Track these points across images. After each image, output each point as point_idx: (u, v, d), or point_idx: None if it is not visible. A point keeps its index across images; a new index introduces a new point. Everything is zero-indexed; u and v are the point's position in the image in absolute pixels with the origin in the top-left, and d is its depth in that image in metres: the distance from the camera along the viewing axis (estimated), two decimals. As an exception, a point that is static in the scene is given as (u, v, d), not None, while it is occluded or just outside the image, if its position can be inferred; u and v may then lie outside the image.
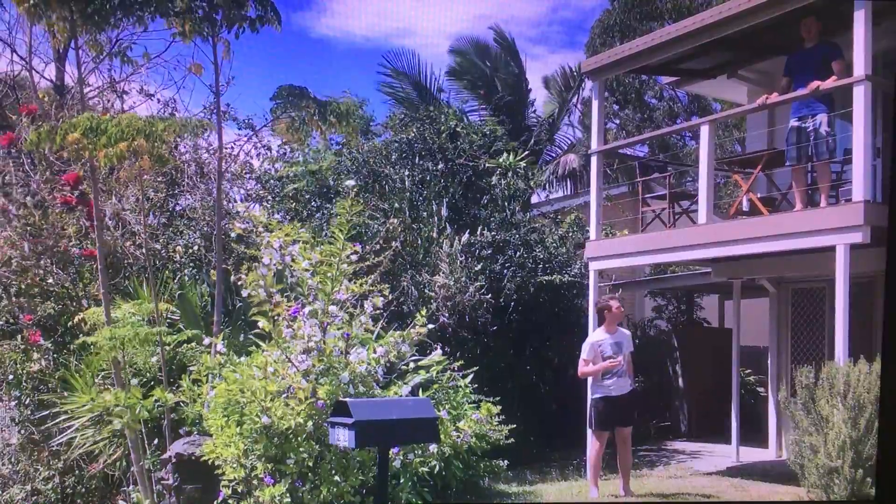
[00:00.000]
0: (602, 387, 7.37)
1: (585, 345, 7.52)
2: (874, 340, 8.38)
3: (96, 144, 6.22)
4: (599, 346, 7.39)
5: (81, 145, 6.33)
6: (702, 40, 8.40)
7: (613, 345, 7.40)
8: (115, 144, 6.12)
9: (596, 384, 7.46)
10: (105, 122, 6.30)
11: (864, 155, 6.84)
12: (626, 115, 22.68)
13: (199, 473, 6.44)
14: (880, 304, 8.69)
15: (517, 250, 10.88)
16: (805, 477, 6.17)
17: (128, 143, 6.11)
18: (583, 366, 7.44)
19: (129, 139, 6.12)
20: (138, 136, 6.13)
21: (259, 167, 11.06)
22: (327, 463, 5.90)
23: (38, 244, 8.69)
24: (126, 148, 6.12)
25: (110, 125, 6.20)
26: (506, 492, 7.96)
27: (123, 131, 6.10)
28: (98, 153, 6.27)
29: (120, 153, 6.16)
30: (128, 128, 6.12)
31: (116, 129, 6.15)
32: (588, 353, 7.42)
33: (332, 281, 6.22)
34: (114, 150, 6.12)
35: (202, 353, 6.56)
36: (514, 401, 9.71)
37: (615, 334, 7.49)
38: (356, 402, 4.89)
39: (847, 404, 5.89)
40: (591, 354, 7.39)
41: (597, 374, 7.36)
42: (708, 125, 8.36)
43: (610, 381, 7.34)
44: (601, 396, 7.40)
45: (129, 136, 6.12)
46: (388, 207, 10.84)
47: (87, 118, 6.39)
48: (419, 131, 11.76)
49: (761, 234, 7.65)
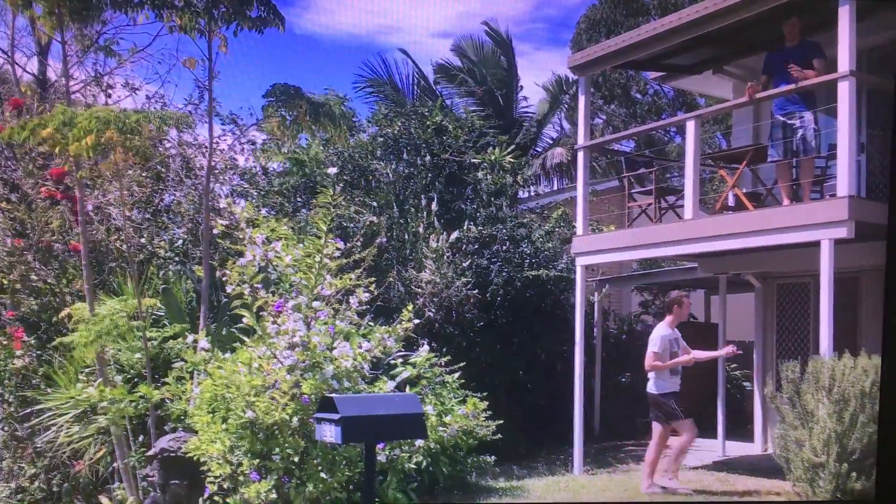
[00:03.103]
0: (672, 382, 7.37)
1: (656, 338, 7.40)
2: (859, 335, 8.45)
3: (69, 138, 6.16)
4: (669, 342, 7.33)
5: (55, 139, 6.27)
6: (687, 36, 8.42)
7: (676, 341, 7.36)
8: (84, 138, 6.06)
9: (664, 379, 7.38)
10: (78, 115, 6.24)
11: (848, 151, 6.86)
12: (612, 111, 22.72)
13: (184, 470, 6.42)
14: (865, 298, 8.77)
15: (504, 245, 10.87)
16: (790, 471, 6.21)
17: (95, 136, 6.04)
18: (653, 359, 7.32)
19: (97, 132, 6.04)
20: (108, 128, 6.06)
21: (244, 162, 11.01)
22: (313, 459, 5.89)
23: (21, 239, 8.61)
24: (94, 140, 6.06)
25: (81, 118, 6.14)
26: (493, 487, 7.96)
27: (91, 123, 6.04)
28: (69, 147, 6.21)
29: (90, 146, 6.10)
30: (95, 120, 6.06)
31: (87, 121, 6.09)
32: (660, 346, 7.32)
33: (315, 277, 6.20)
34: (84, 143, 6.06)
35: (187, 349, 6.51)
36: (501, 396, 9.71)
37: (675, 330, 7.46)
38: (342, 398, 4.87)
39: (832, 398, 5.92)
40: (663, 349, 7.31)
41: (665, 370, 7.29)
42: (694, 120, 8.38)
43: (676, 377, 7.37)
44: (671, 392, 7.37)
45: (95, 128, 6.05)
46: (374, 203, 10.80)
47: (61, 112, 6.34)
48: (404, 126, 11.72)
49: (747, 230, 7.68)
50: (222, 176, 10.52)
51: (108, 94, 9.93)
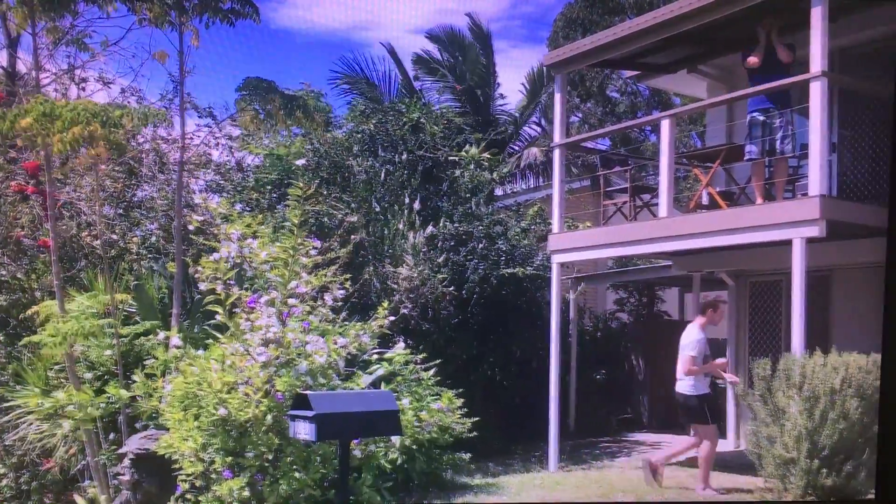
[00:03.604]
0: (705, 384, 7.31)
1: (693, 341, 7.26)
2: (830, 333, 8.55)
3: (50, 130, 6.05)
4: (704, 344, 7.28)
5: (34, 131, 6.16)
6: (662, 35, 8.47)
7: (707, 344, 7.33)
8: (69, 129, 5.95)
9: (700, 382, 7.28)
10: (60, 107, 6.13)
11: (820, 150, 6.93)
12: (588, 109, 22.82)
13: (156, 468, 6.37)
14: (836, 297, 8.88)
15: (480, 242, 10.88)
16: (762, 467, 6.27)
17: (82, 128, 5.94)
18: (691, 363, 7.20)
19: (84, 123, 5.95)
20: (94, 120, 5.97)
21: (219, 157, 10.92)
22: (287, 456, 5.85)
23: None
24: (81, 133, 5.95)
25: (65, 110, 6.03)
26: (469, 484, 7.97)
27: (79, 115, 5.94)
28: (53, 138, 6.10)
29: (74, 138, 6.00)
30: (84, 112, 5.96)
31: (71, 113, 5.99)
32: (697, 350, 7.22)
33: (289, 274, 6.16)
34: (68, 135, 5.95)
35: (159, 345, 6.44)
36: (477, 393, 9.72)
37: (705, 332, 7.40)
38: (317, 395, 4.84)
39: (803, 396, 5.98)
40: (699, 352, 7.22)
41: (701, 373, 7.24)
42: (668, 119, 8.43)
43: (707, 379, 7.33)
44: (705, 394, 7.30)
45: (83, 120, 5.96)
46: (350, 199, 10.75)
47: (41, 102, 6.22)
48: (381, 123, 11.68)
49: (720, 228, 7.73)
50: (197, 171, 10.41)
51: (82, 87, 9.80)
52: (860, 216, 7.41)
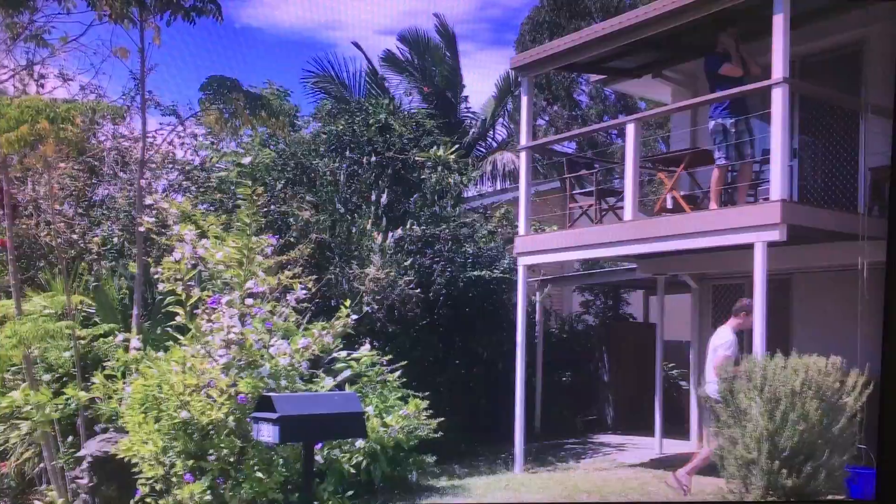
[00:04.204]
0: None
1: (727, 342, 7.13)
2: (790, 336, 8.68)
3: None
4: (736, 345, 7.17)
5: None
6: (627, 40, 8.54)
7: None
8: (16, 129, 5.81)
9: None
10: (4, 105, 6.00)
11: (781, 155, 7.03)
12: (555, 112, 22.96)
13: (115, 472, 6.30)
14: (796, 300, 9.02)
15: (447, 245, 10.87)
16: (724, 468, 6.33)
17: (30, 126, 5.80)
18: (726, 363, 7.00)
19: (31, 121, 5.82)
20: (40, 117, 5.84)
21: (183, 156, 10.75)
22: (250, 459, 5.79)
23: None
24: (28, 131, 5.82)
25: (9, 108, 5.90)
26: (434, 486, 7.95)
27: (24, 113, 5.80)
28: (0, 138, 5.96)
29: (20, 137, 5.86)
30: (28, 109, 5.83)
31: (17, 111, 5.85)
32: (732, 350, 7.10)
33: (245, 273, 6.09)
34: (15, 134, 5.82)
35: (118, 347, 6.33)
36: (443, 395, 9.71)
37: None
38: (280, 397, 4.81)
39: (764, 397, 6.04)
40: (734, 352, 7.10)
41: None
42: (634, 123, 8.49)
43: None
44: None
45: (29, 117, 5.83)
46: (316, 200, 10.67)
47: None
48: (348, 123, 11.61)
49: (684, 231, 7.81)
50: (159, 170, 10.25)
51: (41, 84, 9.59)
52: (819, 221, 7.53)
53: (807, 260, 8.37)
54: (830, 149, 8.63)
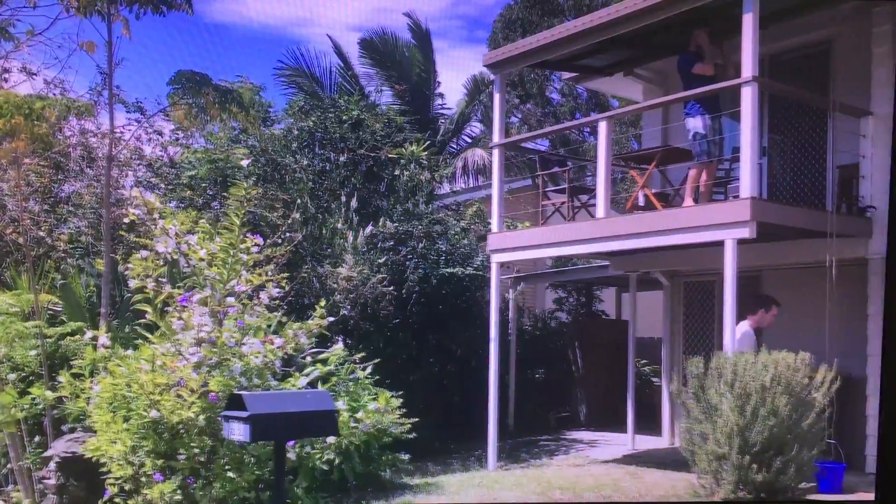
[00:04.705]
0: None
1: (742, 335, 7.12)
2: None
3: (-30, 121, 5.80)
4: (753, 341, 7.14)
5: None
6: (598, 38, 8.56)
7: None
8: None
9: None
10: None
11: (751, 154, 7.08)
12: (528, 110, 23.02)
13: (83, 472, 6.22)
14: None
15: (420, 242, 10.85)
16: (695, 463, 6.38)
17: (5, 122, 5.69)
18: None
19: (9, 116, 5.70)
20: (17, 113, 5.73)
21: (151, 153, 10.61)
22: (221, 458, 5.73)
23: None
24: (2, 126, 5.70)
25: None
26: (407, 484, 7.92)
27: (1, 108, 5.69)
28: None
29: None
30: (5, 104, 5.72)
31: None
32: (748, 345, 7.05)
33: (229, 271, 6.02)
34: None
35: (86, 346, 6.23)
36: (416, 393, 9.67)
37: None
38: (252, 395, 4.75)
39: (734, 393, 6.10)
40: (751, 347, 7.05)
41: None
42: (606, 121, 8.52)
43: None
44: None
45: (8, 113, 5.72)
46: (288, 197, 10.59)
47: (-41, 95, 5.96)
48: (320, 120, 11.53)
49: (655, 229, 7.85)
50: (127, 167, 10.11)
51: (5, 78, 9.42)
52: (788, 218, 7.62)
53: (776, 257, 8.47)
54: (799, 147, 8.73)
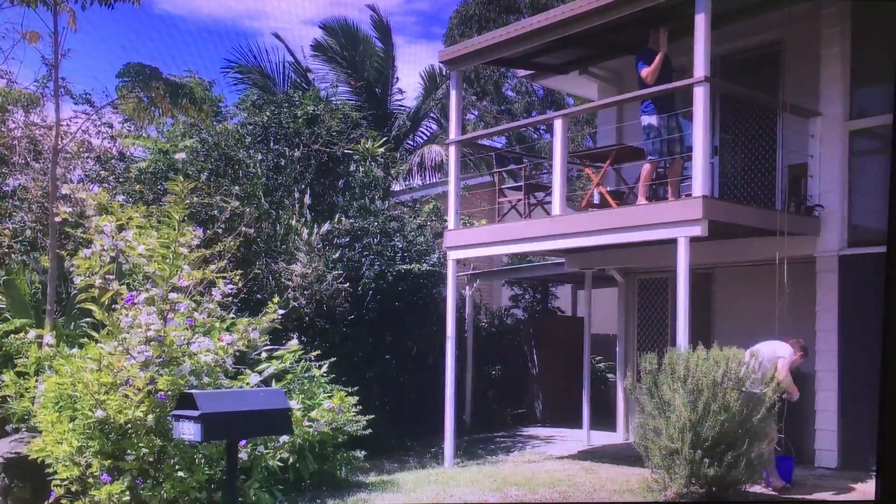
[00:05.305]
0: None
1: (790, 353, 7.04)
2: (712, 328, 8.92)
3: None
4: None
5: None
6: (554, 36, 8.59)
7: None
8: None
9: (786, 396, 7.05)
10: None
11: (703, 153, 7.18)
12: (484, 107, 23.06)
13: (28, 473, 6.10)
14: (717, 293, 9.27)
15: (376, 238, 10.78)
16: (649, 458, 6.45)
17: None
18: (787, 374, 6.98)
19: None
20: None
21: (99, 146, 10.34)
22: (171, 458, 5.61)
23: None
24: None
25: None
26: (363, 482, 7.86)
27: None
28: None
29: None
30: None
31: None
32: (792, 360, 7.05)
33: (170, 267, 5.90)
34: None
35: (31, 344, 6.06)
36: (372, 390, 9.64)
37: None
38: (203, 394, 4.67)
39: (687, 388, 6.18)
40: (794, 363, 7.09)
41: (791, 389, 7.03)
42: (561, 119, 8.56)
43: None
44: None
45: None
46: (241, 193, 10.42)
47: None
48: (274, 114, 11.38)
49: (610, 227, 7.91)
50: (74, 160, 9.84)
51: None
52: (739, 216, 7.74)
53: (728, 255, 8.60)
54: (750, 146, 8.89)
